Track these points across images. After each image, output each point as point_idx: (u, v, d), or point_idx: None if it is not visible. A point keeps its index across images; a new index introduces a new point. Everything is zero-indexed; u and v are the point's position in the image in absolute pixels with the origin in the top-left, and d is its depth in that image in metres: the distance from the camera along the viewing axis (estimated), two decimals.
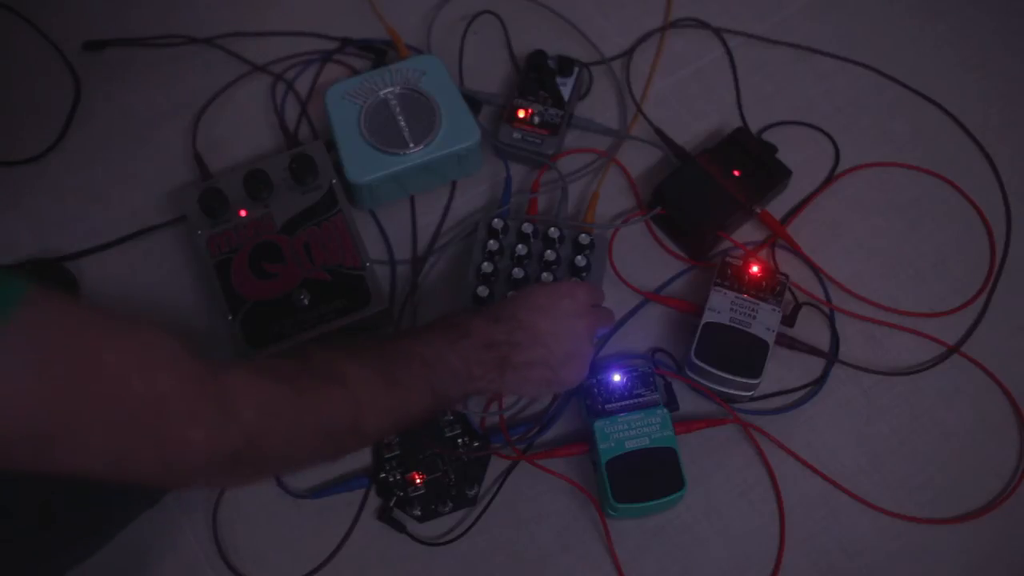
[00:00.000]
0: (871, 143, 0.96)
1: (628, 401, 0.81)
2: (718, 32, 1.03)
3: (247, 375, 0.58)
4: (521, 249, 0.87)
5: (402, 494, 0.81)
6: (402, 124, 0.90)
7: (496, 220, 0.88)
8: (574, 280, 0.86)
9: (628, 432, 0.78)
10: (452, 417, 0.84)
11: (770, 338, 0.82)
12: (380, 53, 1.01)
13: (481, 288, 0.85)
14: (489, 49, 1.02)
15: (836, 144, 0.96)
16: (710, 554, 0.80)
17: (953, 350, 0.87)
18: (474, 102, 0.95)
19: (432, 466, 0.82)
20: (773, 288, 0.84)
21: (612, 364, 0.82)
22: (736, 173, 0.90)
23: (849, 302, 0.89)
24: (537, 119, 0.94)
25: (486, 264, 0.86)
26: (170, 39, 1.02)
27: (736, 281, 0.85)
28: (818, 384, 0.86)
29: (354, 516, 0.81)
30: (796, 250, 0.90)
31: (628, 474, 0.77)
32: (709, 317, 0.83)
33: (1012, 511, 0.81)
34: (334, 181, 0.90)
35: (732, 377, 0.81)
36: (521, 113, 0.94)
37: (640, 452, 0.78)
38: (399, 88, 0.92)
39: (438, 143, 0.90)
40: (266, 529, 0.82)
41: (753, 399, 0.84)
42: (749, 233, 0.92)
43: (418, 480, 0.82)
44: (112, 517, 0.75)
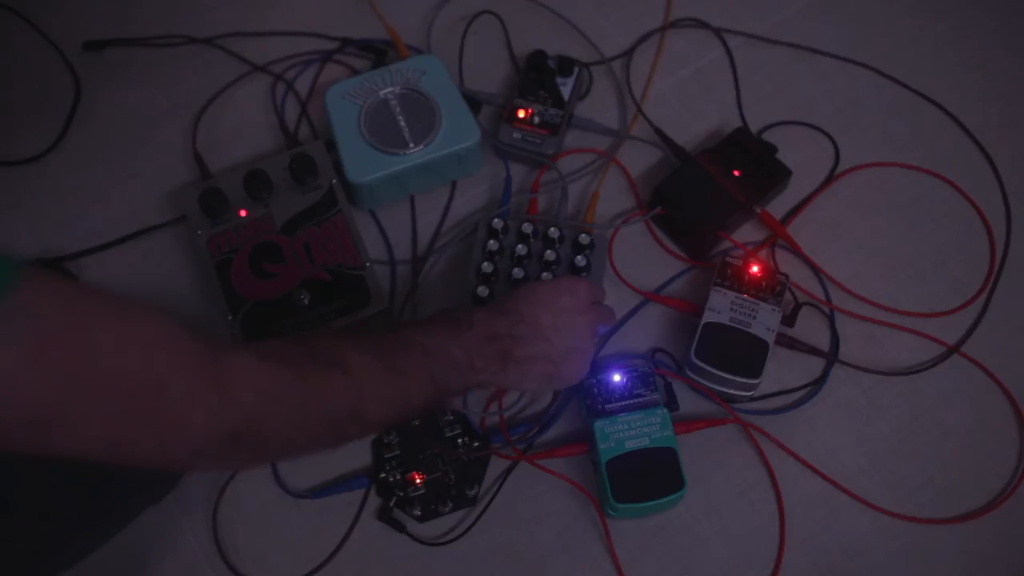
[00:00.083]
0: (871, 143, 0.96)
1: (628, 401, 0.81)
2: (718, 32, 1.03)
3: (248, 357, 0.58)
4: (521, 249, 0.87)
5: (402, 494, 0.81)
6: (402, 124, 0.90)
7: (496, 220, 0.88)
8: (576, 277, 0.86)
9: (628, 432, 0.78)
10: (452, 417, 0.84)
11: (770, 338, 0.82)
12: (380, 53, 1.01)
13: (481, 288, 0.85)
14: (489, 49, 1.02)
15: (836, 144, 0.96)
16: (710, 554, 0.80)
17: (953, 350, 0.87)
18: (474, 102, 0.95)
19: (432, 466, 0.82)
20: (773, 288, 0.84)
21: (612, 364, 0.82)
22: (736, 173, 0.90)
23: (849, 302, 0.89)
24: (537, 119, 0.94)
25: (486, 264, 0.86)
26: (170, 39, 1.02)
27: (736, 281, 0.85)
28: (818, 384, 0.86)
29: (354, 516, 0.81)
30: (796, 250, 0.90)
31: (628, 474, 0.77)
32: (709, 317, 0.83)
33: (1012, 511, 0.81)
34: (334, 181, 0.90)
35: (732, 377, 0.81)
36: (521, 113, 0.94)
37: (640, 452, 0.78)
38: (399, 88, 0.92)
39: (438, 143, 0.90)
40: (266, 529, 0.82)
41: (753, 399, 0.84)
42: (749, 233, 0.92)
43: (418, 480, 0.82)
44: (113, 513, 0.75)
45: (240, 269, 0.86)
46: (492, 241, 0.87)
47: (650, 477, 0.77)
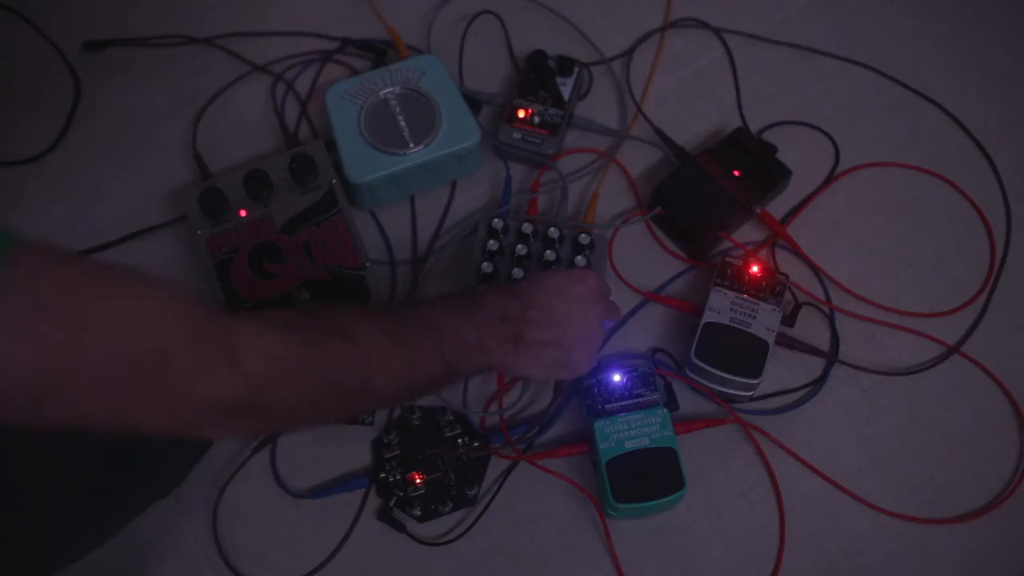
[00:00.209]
0: (871, 143, 0.96)
1: (628, 401, 0.81)
2: (718, 32, 1.03)
3: (255, 324, 0.57)
4: (521, 249, 0.87)
5: (402, 494, 0.81)
6: (402, 124, 0.90)
7: (496, 220, 0.88)
8: (587, 268, 0.86)
9: (628, 432, 0.78)
10: (452, 417, 0.84)
11: (770, 338, 0.82)
12: (380, 53, 1.01)
13: (481, 288, 0.85)
14: (489, 49, 1.02)
15: (836, 144, 0.96)
16: (710, 554, 0.80)
17: (953, 350, 0.87)
18: (474, 102, 0.95)
19: (432, 466, 0.82)
20: (773, 288, 0.84)
21: (612, 364, 0.82)
22: (736, 173, 0.90)
23: (849, 302, 0.89)
24: (537, 119, 0.94)
25: (486, 264, 0.86)
26: (170, 39, 1.02)
27: (736, 281, 0.85)
28: (818, 384, 0.86)
29: (354, 516, 0.81)
30: (796, 250, 0.90)
31: (628, 474, 0.77)
32: (709, 317, 0.83)
33: (1012, 511, 0.81)
34: (334, 181, 0.90)
35: (732, 377, 0.81)
36: (521, 113, 0.94)
37: (640, 452, 0.78)
38: (399, 88, 0.92)
39: (438, 143, 0.90)
40: (266, 529, 0.82)
41: (753, 399, 0.84)
42: (749, 233, 0.92)
43: (418, 480, 0.82)
44: (114, 512, 0.75)
45: (240, 269, 0.86)
46: (492, 241, 0.87)
47: (650, 477, 0.77)
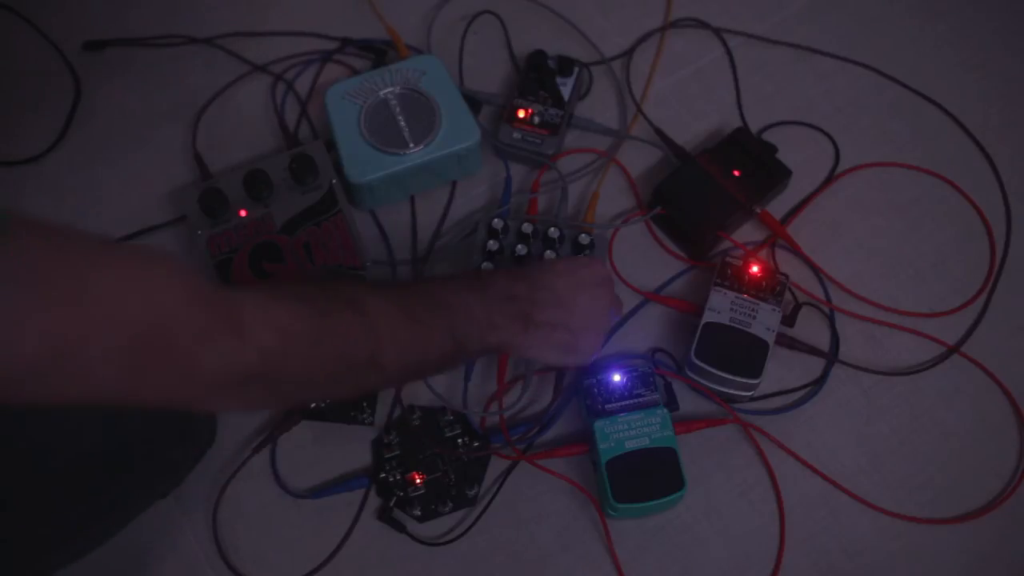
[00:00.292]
0: (871, 143, 0.96)
1: (628, 401, 0.81)
2: (718, 32, 1.03)
3: (263, 296, 0.57)
4: (521, 249, 0.87)
5: (402, 494, 0.81)
6: (402, 124, 0.90)
7: (496, 220, 0.88)
8: (594, 256, 0.87)
9: (628, 432, 0.78)
10: (452, 417, 0.84)
11: (770, 338, 0.82)
12: (380, 53, 1.01)
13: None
14: (489, 49, 1.02)
15: (836, 144, 0.96)
16: (710, 554, 0.80)
17: (953, 350, 0.87)
18: (474, 102, 0.95)
19: (432, 466, 0.82)
20: (773, 288, 0.84)
21: (612, 364, 0.82)
22: (736, 173, 0.90)
23: (849, 302, 0.89)
24: (537, 119, 0.94)
25: (486, 264, 0.86)
26: (170, 39, 1.02)
27: (736, 281, 0.85)
28: (818, 384, 0.86)
29: (354, 516, 0.81)
30: (796, 250, 0.90)
31: (628, 474, 0.77)
32: (709, 317, 0.83)
33: (1012, 511, 0.81)
34: (334, 181, 0.90)
35: (732, 377, 0.81)
36: (521, 113, 0.94)
37: (640, 452, 0.78)
38: (399, 88, 0.92)
39: (438, 143, 0.90)
40: (266, 529, 0.82)
41: (753, 399, 0.84)
42: (749, 233, 0.92)
43: (418, 480, 0.82)
44: (114, 511, 0.75)
45: (240, 269, 0.86)
46: (492, 241, 0.87)
47: (650, 477, 0.77)
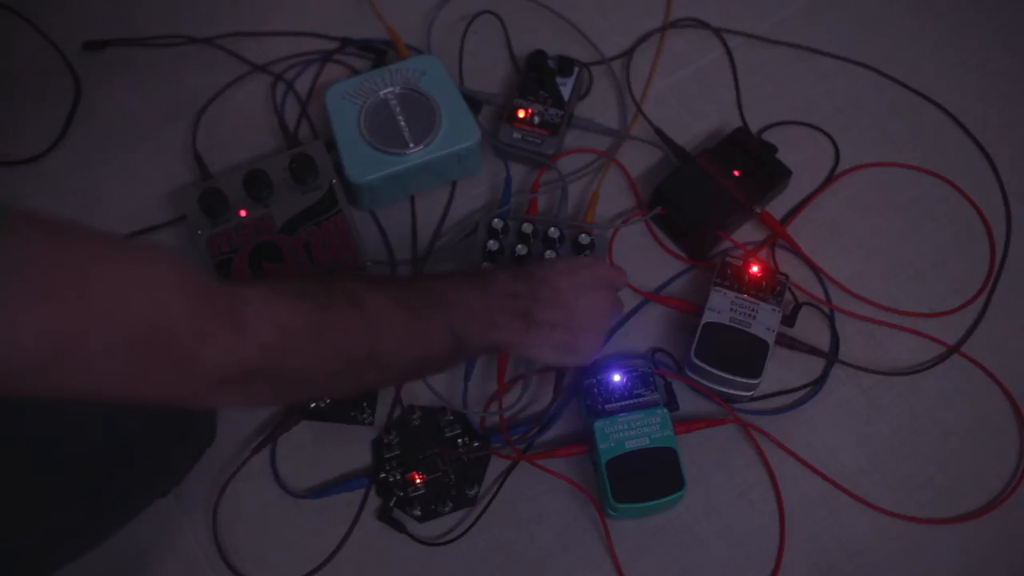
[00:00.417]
0: (871, 143, 0.96)
1: (628, 401, 0.81)
2: (718, 32, 1.03)
3: (263, 291, 0.57)
4: (521, 249, 0.87)
5: (402, 494, 0.81)
6: (402, 124, 0.90)
7: (496, 220, 0.88)
8: (597, 256, 0.87)
9: (628, 432, 0.78)
10: (452, 417, 0.84)
11: (770, 338, 0.82)
12: (380, 53, 1.01)
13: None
14: (489, 49, 1.02)
15: (836, 144, 0.96)
16: (710, 554, 0.80)
17: (953, 350, 0.87)
18: (474, 102, 0.95)
19: (432, 466, 0.82)
20: (773, 288, 0.84)
21: (612, 364, 0.82)
22: (736, 173, 0.90)
23: (849, 302, 0.89)
24: (537, 119, 0.94)
25: (486, 264, 0.86)
26: (170, 39, 1.02)
27: (736, 281, 0.85)
28: (818, 384, 0.86)
29: (354, 516, 0.81)
30: (796, 250, 0.90)
31: (628, 474, 0.77)
32: (709, 317, 0.83)
33: (1012, 511, 0.81)
34: (334, 181, 0.90)
35: (732, 377, 0.81)
36: (521, 113, 0.94)
37: (640, 452, 0.78)
38: (399, 88, 0.92)
39: (438, 143, 0.90)
40: (266, 529, 0.82)
41: (753, 399, 0.84)
42: (749, 233, 0.92)
43: (418, 480, 0.82)
44: (114, 511, 0.74)
45: (240, 269, 0.86)
46: (492, 241, 0.87)
47: (650, 477, 0.77)
